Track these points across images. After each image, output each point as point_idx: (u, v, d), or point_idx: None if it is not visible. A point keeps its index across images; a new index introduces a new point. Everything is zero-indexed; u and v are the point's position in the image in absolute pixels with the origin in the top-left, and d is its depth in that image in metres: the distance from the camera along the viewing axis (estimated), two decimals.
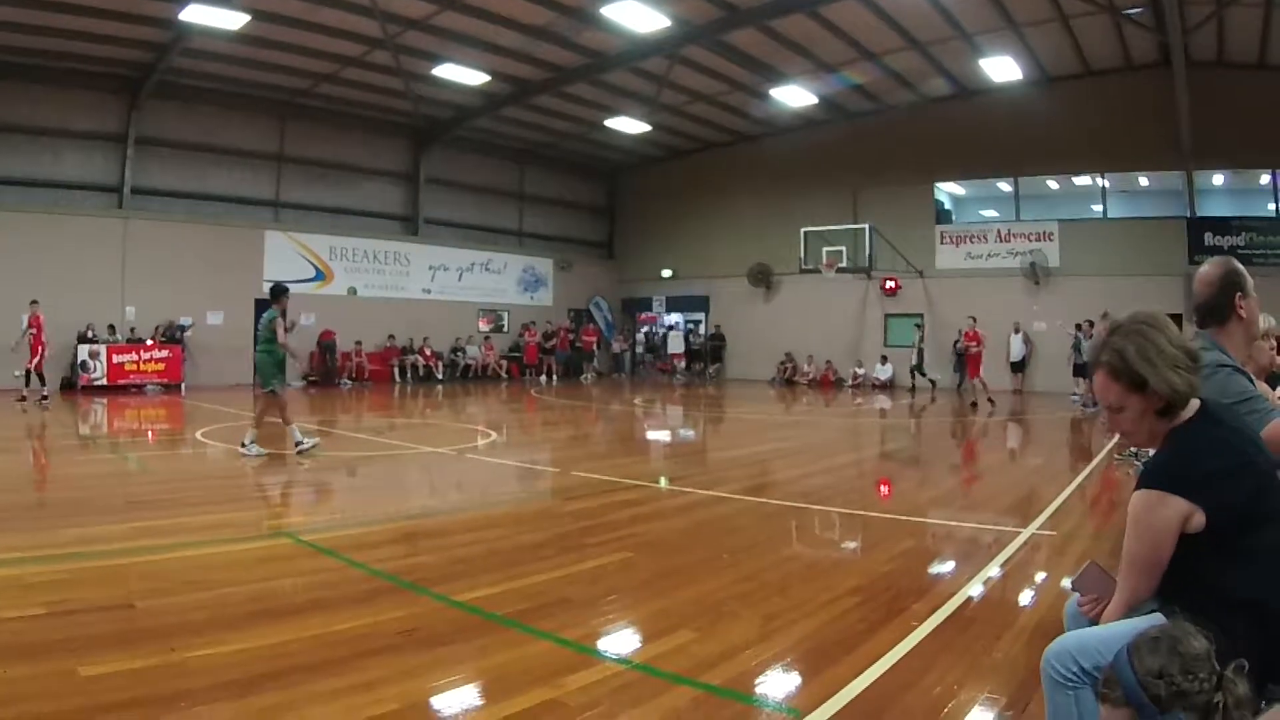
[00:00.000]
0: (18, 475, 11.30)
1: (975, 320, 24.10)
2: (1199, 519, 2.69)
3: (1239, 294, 3.83)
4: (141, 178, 26.76)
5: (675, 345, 36.96)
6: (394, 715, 4.01)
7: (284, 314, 13.32)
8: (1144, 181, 29.27)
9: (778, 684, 4.45)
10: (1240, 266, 3.91)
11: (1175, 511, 2.71)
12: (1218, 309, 3.86)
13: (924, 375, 28.11)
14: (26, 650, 4.70)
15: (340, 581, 6.34)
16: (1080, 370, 23.90)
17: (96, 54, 24.20)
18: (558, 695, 4.22)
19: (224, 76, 26.68)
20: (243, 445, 12.69)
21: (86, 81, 25.44)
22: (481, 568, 6.68)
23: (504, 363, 34.19)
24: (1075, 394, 24.18)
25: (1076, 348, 24.50)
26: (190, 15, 20.50)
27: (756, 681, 4.43)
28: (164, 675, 4.39)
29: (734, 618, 5.45)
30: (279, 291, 13.28)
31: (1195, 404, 2.88)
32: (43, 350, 19.73)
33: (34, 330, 19.64)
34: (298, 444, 12.87)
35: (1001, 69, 25.26)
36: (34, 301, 19.91)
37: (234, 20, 21.02)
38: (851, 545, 8.12)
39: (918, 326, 29.38)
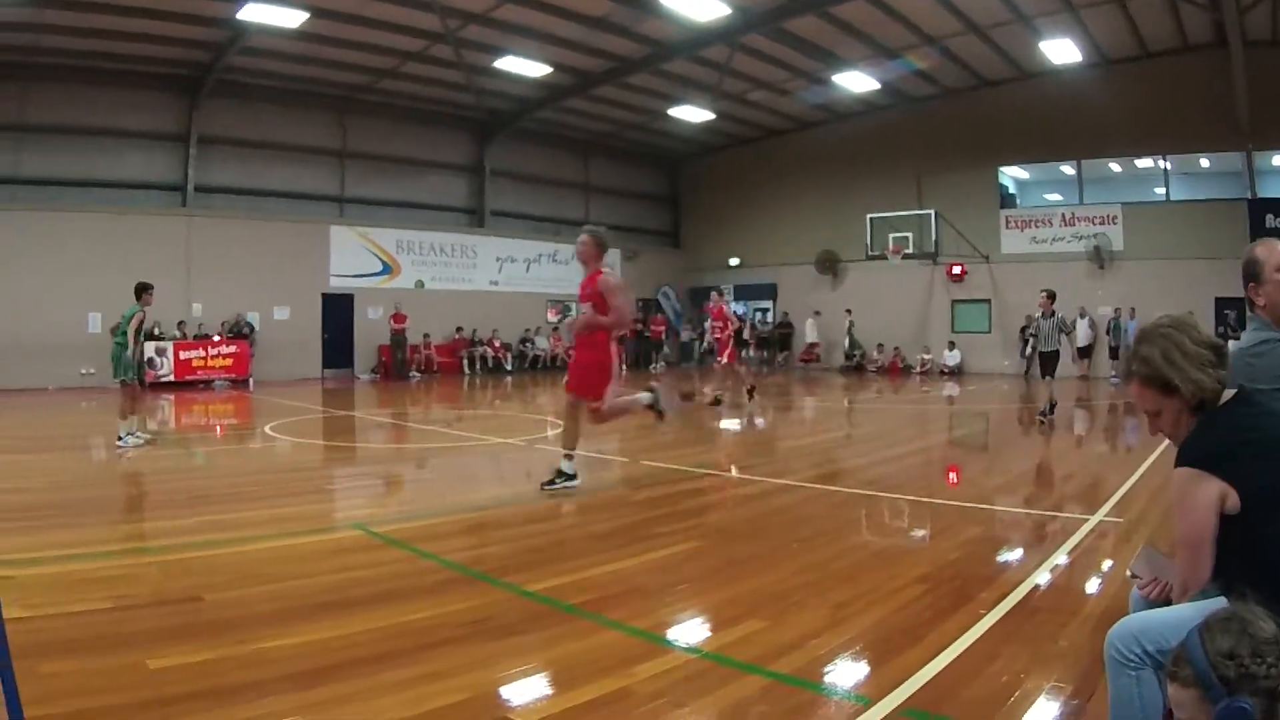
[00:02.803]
0: (86, 471, 11.52)
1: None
2: (1233, 500, 2.75)
3: (1251, 284, 3.93)
4: (204, 176, 27.26)
5: (812, 334, 36.15)
6: (463, 705, 4.00)
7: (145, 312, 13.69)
8: (1204, 163, 28.83)
9: (846, 672, 4.43)
10: (1260, 253, 3.94)
11: (1210, 488, 2.78)
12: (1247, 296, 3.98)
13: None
14: (95, 643, 4.75)
15: (410, 573, 6.37)
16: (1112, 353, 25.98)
17: (157, 55, 24.69)
18: (627, 684, 4.20)
19: (284, 74, 27.09)
20: (120, 440, 12.83)
21: (148, 83, 25.96)
22: (551, 558, 6.69)
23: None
24: (1114, 375, 24.28)
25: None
26: (248, 14, 20.85)
27: (825, 670, 4.41)
28: (232, 667, 4.42)
29: (802, 606, 5.43)
30: (142, 289, 13.61)
31: (1229, 394, 2.97)
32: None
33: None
34: (120, 439, 12.93)
35: (1060, 51, 25.13)
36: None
37: (292, 18, 21.32)
38: (919, 533, 8.05)
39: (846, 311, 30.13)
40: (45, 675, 4.27)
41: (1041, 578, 6.02)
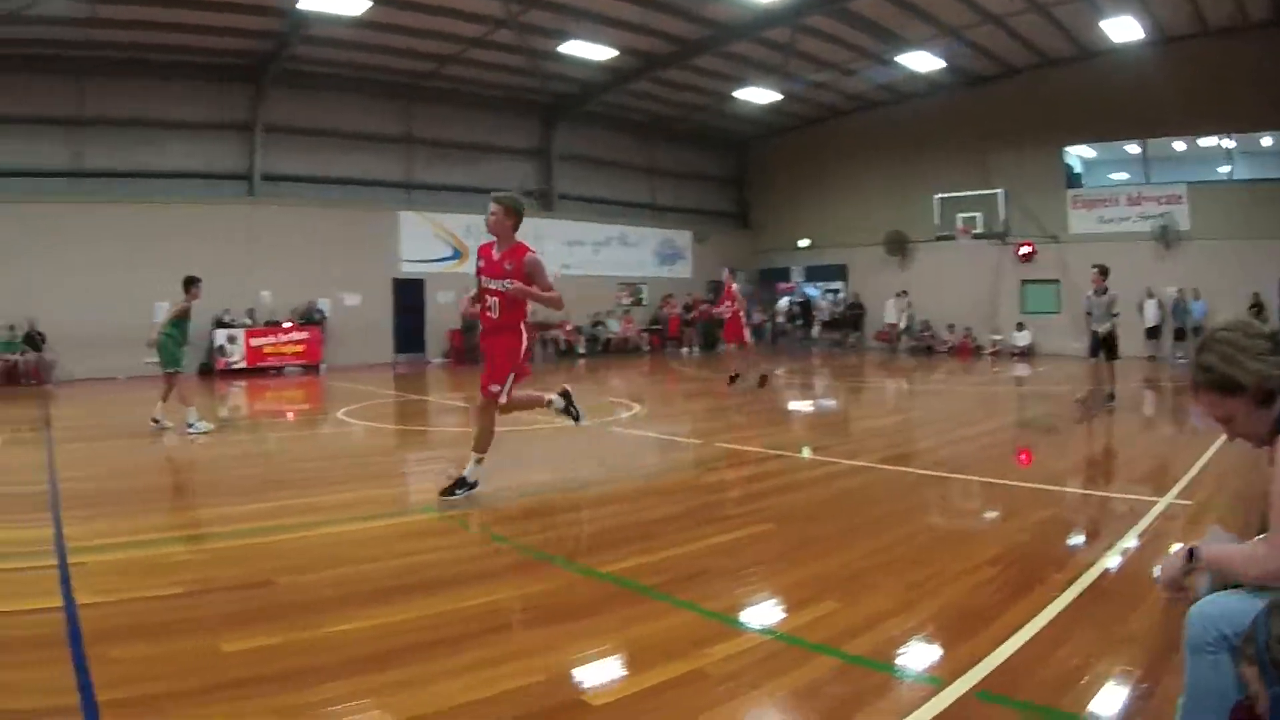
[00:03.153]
0: (158, 458, 11.68)
1: None
2: None
3: None
4: (270, 164, 27.55)
5: (891, 315, 35.48)
6: (536, 687, 4.00)
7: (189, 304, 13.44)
8: (1267, 142, 27.97)
9: (918, 654, 4.40)
10: None
11: None
12: None
13: None
14: (167, 628, 4.80)
15: (482, 555, 6.42)
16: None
17: (219, 46, 24.95)
18: (701, 666, 4.20)
19: (347, 62, 27.19)
20: (190, 426, 12.90)
21: (210, 73, 26.28)
22: (624, 539, 6.68)
23: (644, 335, 34.22)
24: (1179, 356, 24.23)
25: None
26: (308, 4, 21.04)
27: (897, 651, 4.40)
28: (303, 650, 4.45)
29: (875, 588, 5.41)
30: (189, 282, 13.42)
31: None
32: None
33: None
34: (190, 425, 12.96)
35: (1122, 29, 24.75)
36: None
37: (354, 6, 21.42)
38: (990, 515, 7.97)
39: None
40: (116, 660, 4.31)
41: (1111, 561, 5.96)
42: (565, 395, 8.92)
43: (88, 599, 5.19)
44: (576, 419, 9.05)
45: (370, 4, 21.41)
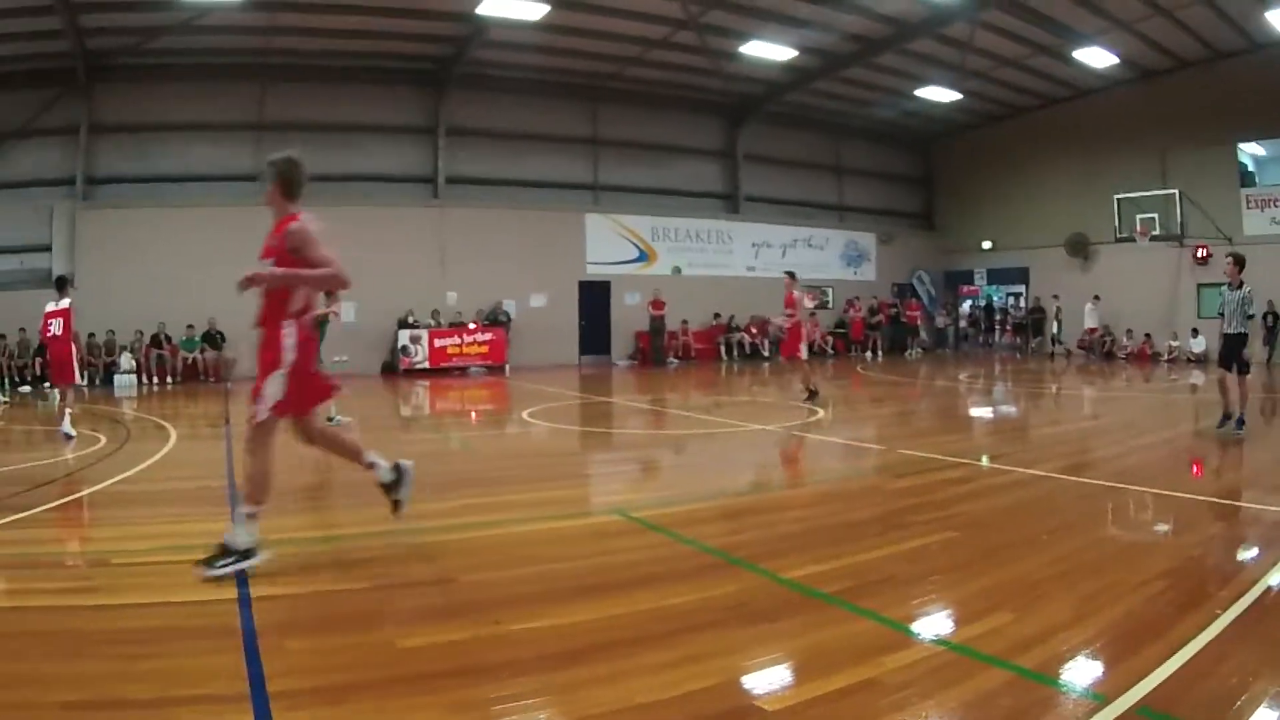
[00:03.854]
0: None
1: None
2: None
3: None
4: (454, 167, 28.34)
5: (1091, 320, 34.45)
6: (714, 689, 4.04)
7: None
8: None
9: (1085, 668, 4.37)
10: None
11: None
12: None
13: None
14: (347, 622, 4.94)
15: (668, 557, 6.41)
16: None
17: (402, 51, 25.94)
18: (876, 674, 4.22)
19: (529, 65, 27.63)
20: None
21: (392, 78, 27.32)
22: (807, 544, 6.67)
23: (829, 339, 33.82)
24: None
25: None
26: (488, 8, 21.53)
27: (1065, 665, 4.36)
28: (485, 647, 4.51)
29: (1049, 599, 5.39)
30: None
31: None
32: None
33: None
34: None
35: None
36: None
37: (533, 10, 21.86)
38: (1163, 527, 7.80)
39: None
40: (292, 651, 4.46)
41: (1276, 578, 5.74)
42: (398, 471, 6.62)
43: (264, 591, 5.38)
44: (396, 507, 6.54)
45: (549, 8, 21.77)
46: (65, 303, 12.69)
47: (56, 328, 12.58)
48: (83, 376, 22.57)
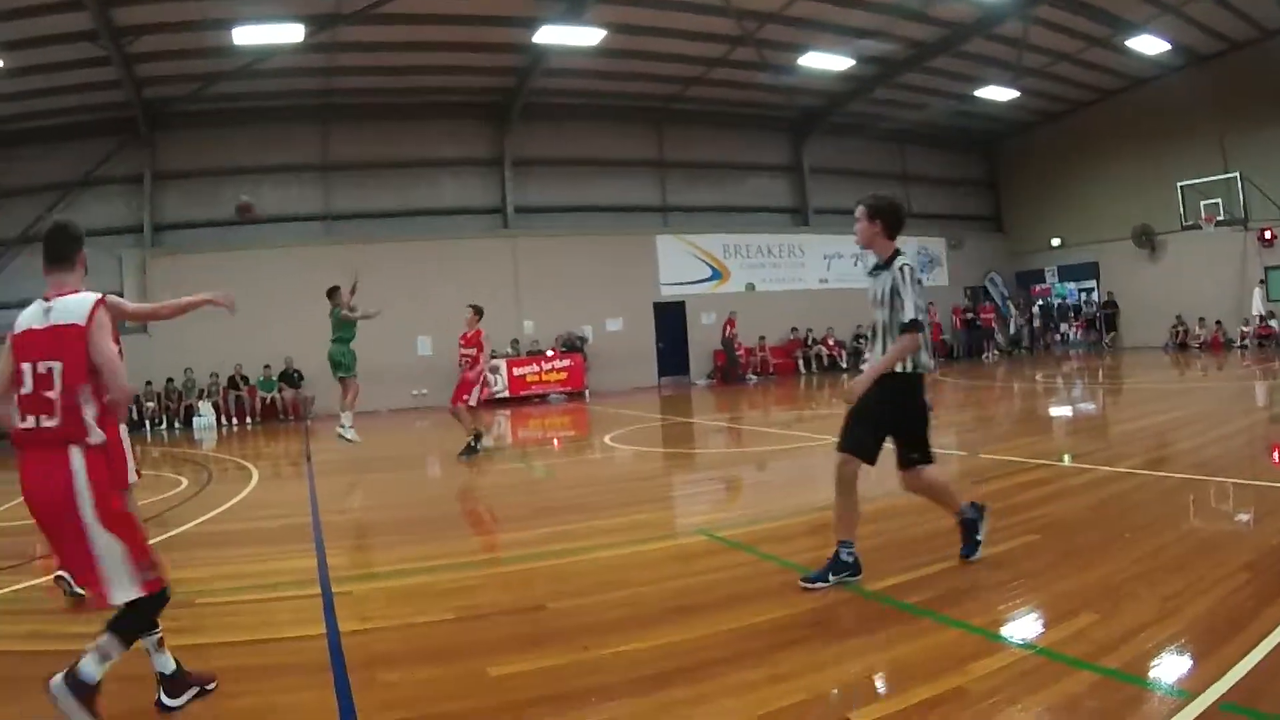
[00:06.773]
0: (428, 488, 12.36)
1: None
2: None
3: None
4: (522, 196, 28.80)
5: (1259, 307, 33.90)
6: (801, 706, 4.07)
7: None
8: None
9: (1170, 666, 4.36)
10: None
11: None
12: None
13: None
14: (437, 653, 5.08)
15: (753, 575, 6.45)
16: None
17: (463, 85, 26.49)
18: (963, 682, 4.24)
19: (590, 90, 28.12)
20: (341, 428, 14.08)
21: (458, 112, 27.87)
22: (890, 556, 6.65)
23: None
24: None
25: None
26: (543, 37, 21.87)
27: (1150, 664, 4.36)
28: (575, 673, 4.59)
29: (1133, 598, 5.34)
30: (331, 291, 14.69)
31: None
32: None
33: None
34: (341, 427, 14.12)
35: None
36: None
37: (590, 36, 22.18)
38: (1244, 518, 7.69)
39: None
40: (383, 684, 4.58)
41: None
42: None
43: (353, 626, 5.54)
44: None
45: (605, 33, 22.02)
46: None
47: None
48: (161, 420, 23.34)
